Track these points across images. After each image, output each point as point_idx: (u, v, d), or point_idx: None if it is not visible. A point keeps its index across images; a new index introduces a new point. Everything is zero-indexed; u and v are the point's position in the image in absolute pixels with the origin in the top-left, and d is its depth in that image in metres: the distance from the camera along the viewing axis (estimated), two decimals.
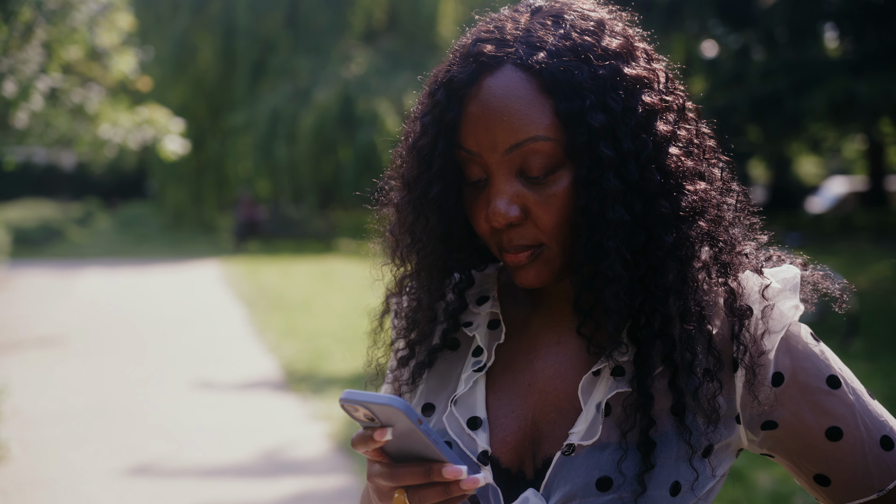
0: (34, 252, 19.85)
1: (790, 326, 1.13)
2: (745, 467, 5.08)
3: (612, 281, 1.07)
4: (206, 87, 23.87)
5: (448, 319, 1.22)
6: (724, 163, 1.19)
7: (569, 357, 1.16)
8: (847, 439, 1.12)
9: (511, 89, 1.06)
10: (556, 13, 1.11)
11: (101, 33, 10.39)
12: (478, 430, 1.14)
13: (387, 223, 1.23)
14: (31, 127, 10.57)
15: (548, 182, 1.07)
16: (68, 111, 10.49)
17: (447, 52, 1.17)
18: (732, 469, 1.20)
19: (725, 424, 1.11)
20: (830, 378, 1.12)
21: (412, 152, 1.15)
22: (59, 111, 10.49)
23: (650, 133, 1.08)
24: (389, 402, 0.94)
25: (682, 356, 1.09)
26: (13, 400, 6.63)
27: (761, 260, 1.19)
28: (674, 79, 1.17)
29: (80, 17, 10.32)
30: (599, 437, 1.09)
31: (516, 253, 1.10)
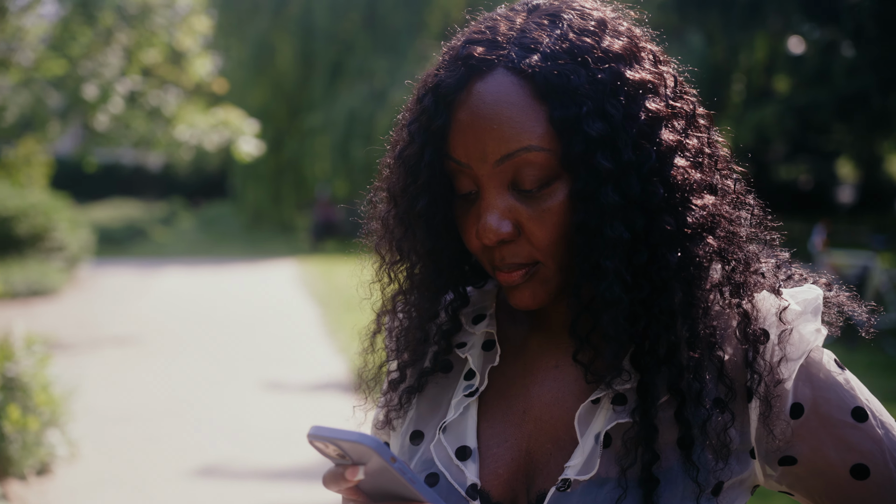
0: (118, 251, 20.34)
1: (811, 353, 1.01)
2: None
3: (611, 304, 0.96)
4: (284, 88, 24.14)
5: (440, 341, 1.12)
6: (739, 174, 1.08)
7: (567, 383, 1.05)
8: (875, 478, 1.00)
9: (502, 95, 0.96)
10: (554, 12, 1.01)
11: (180, 37, 10.54)
12: (467, 461, 1.04)
13: (374, 238, 1.13)
14: (110, 129, 10.78)
15: (542, 195, 0.97)
16: (146, 113, 10.67)
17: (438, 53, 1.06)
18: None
19: (738, 459, 1.00)
20: (856, 410, 1.00)
21: (398, 162, 1.05)
22: (138, 113, 10.68)
23: (654, 142, 0.97)
24: (359, 439, 0.86)
25: (689, 385, 0.98)
26: (86, 399, 6.74)
27: (780, 279, 1.07)
28: (684, 83, 1.06)
29: (159, 20, 10.48)
30: (597, 471, 0.99)
31: (510, 272, 1.00)
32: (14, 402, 5.00)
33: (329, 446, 0.89)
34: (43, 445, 5.34)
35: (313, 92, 23.62)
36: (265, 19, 23.64)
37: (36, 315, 11.26)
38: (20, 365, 5.13)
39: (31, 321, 10.41)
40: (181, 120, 10.62)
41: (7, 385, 5.02)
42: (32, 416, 5.10)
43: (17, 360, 5.13)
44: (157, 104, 10.70)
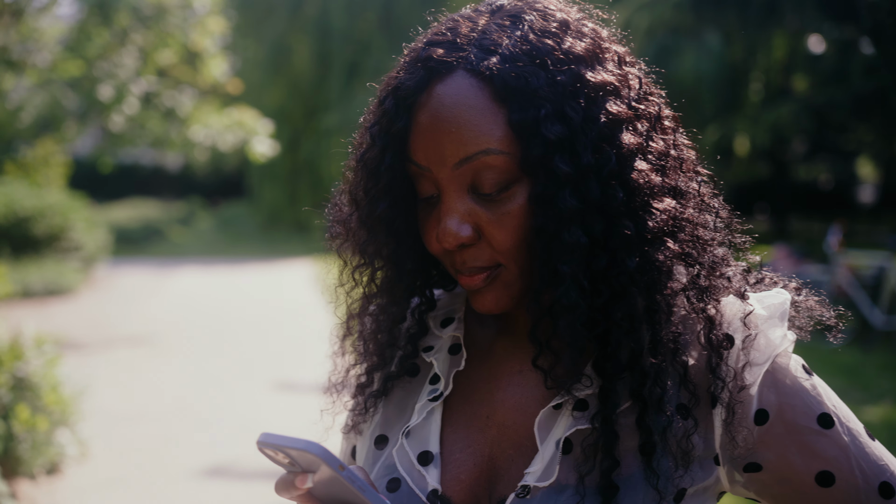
0: (135, 251, 20.44)
1: (777, 358, 1.00)
2: None
3: (568, 310, 0.95)
4: (301, 88, 24.20)
5: (406, 345, 1.12)
6: (706, 177, 1.06)
7: (531, 388, 1.05)
8: (840, 485, 0.98)
9: (461, 98, 0.95)
10: (516, 13, 0.99)
11: (195, 37, 10.58)
12: (429, 467, 1.04)
13: (337, 241, 1.12)
14: (126, 129, 10.84)
15: (502, 199, 0.96)
16: (161, 114, 10.72)
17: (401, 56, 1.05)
18: None
19: (702, 466, 0.99)
20: (822, 416, 0.99)
21: (360, 165, 1.05)
22: (153, 114, 10.73)
23: (614, 145, 0.95)
24: (306, 447, 0.85)
25: (650, 391, 0.96)
26: (97, 398, 6.76)
27: (750, 283, 1.06)
28: (650, 84, 1.04)
29: (174, 21, 10.52)
30: (557, 478, 0.98)
31: (471, 275, 0.99)
32: (23, 402, 5.03)
33: (279, 454, 0.89)
34: (52, 445, 5.36)
35: (329, 92, 23.66)
36: (282, 20, 23.71)
37: (51, 315, 11.33)
38: (30, 365, 5.16)
39: (46, 321, 10.47)
40: (196, 120, 10.67)
41: (17, 385, 5.05)
42: (42, 416, 5.12)
43: (26, 360, 5.15)
44: (172, 105, 10.76)
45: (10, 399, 4.96)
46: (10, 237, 13.27)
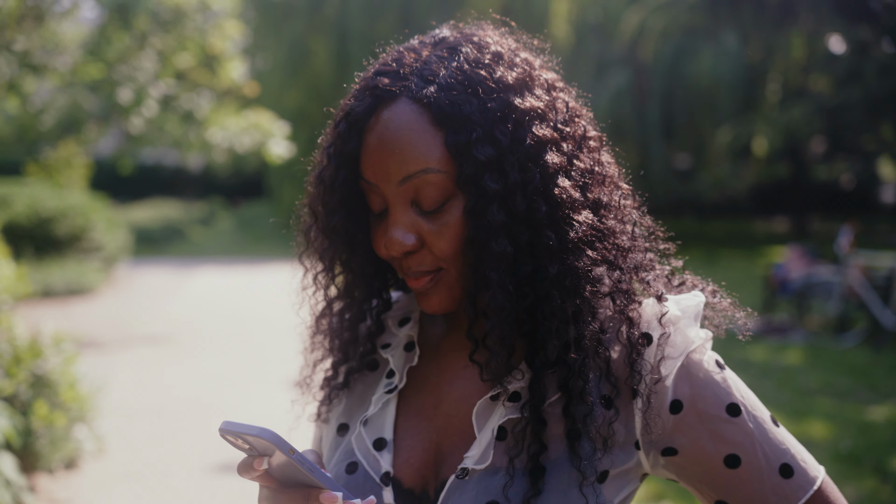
0: (155, 251, 20.66)
1: (692, 354, 1.11)
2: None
3: (496, 311, 1.07)
4: (320, 89, 24.35)
5: (366, 342, 1.25)
6: (626, 191, 1.17)
7: (474, 382, 1.16)
8: (745, 467, 1.10)
9: (404, 122, 1.07)
10: (454, 45, 1.12)
11: (212, 41, 10.72)
12: (383, 451, 1.16)
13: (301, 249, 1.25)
14: (145, 131, 11.01)
15: (441, 212, 1.08)
16: (180, 116, 10.88)
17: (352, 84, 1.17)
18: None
19: (623, 450, 1.10)
20: (730, 406, 1.10)
21: (318, 181, 1.18)
22: (171, 116, 10.89)
23: (539, 164, 1.07)
24: (260, 433, 0.96)
25: (574, 384, 1.08)
26: (115, 396, 6.92)
27: (666, 286, 1.17)
28: (578, 107, 1.16)
29: (192, 25, 10.66)
30: (492, 461, 1.10)
31: (417, 278, 1.12)
32: (42, 399, 5.17)
33: (238, 440, 1.00)
34: (70, 441, 5.51)
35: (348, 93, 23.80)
36: (301, 21, 23.86)
37: (72, 314, 11.52)
38: (48, 363, 5.30)
39: (67, 320, 10.67)
40: (213, 123, 10.83)
41: (36, 382, 5.20)
42: (60, 413, 5.27)
43: (45, 357, 5.30)
44: (190, 107, 10.92)
45: (29, 396, 5.10)
46: (32, 237, 13.48)
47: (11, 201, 13.65)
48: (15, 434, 4.53)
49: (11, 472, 4.25)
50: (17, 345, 5.17)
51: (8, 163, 24.92)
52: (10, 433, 4.37)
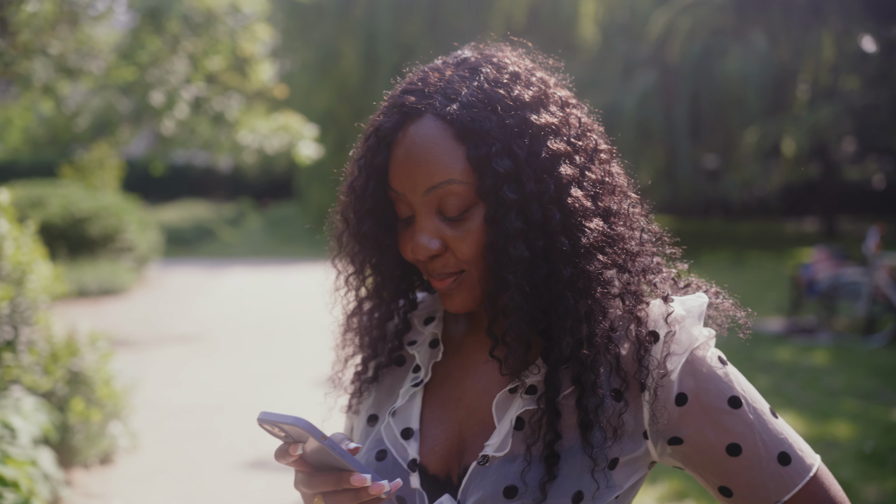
0: (186, 251, 20.91)
1: (695, 350, 1.20)
2: (853, 479, 4.91)
3: (514, 311, 1.17)
4: (348, 91, 24.52)
5: (394, 339, 1.35)
6: (635, 200, 1.26)
7: (493, 376, 1.26)
8: (746, 455, 1.19)
9: (429, 137, 1.17)
10: (475, 66, 1.22)
11: (242, 44, 10.87)
12: (410, 440, 1.26)
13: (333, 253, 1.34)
14: (177, 133, 11.18)
15: (463, 219, 1.18)
16: (210, 118, 11.04)
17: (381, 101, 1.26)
18: (840, 480, 1.25)
19: (633, 439, 1.20)
20: (732, 399, 1.19)
21: (350, 191, 1.28)
22: (202, 118, 11.05)
23: (553, 176, 1.17)
24: (295, 422, 1.06)
25: (586, 377, 1.18)
26: (147, 393, 7.07)
27: (670, 288, 1.26)
28: (591, 122, 1.25)
29: (223, 28, 10.81)
30: (510, 449, 1.19)
31: (441, 280, 1.21)
32: (78, 395, 5.32)
33: (275, 428, 1.09)
34: (105, 436, 5.65)
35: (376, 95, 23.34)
36: (330, 24, 24.03)
37: (105, 313, 11.73)
38: (84, 360, 5.45)
39: (100, 319, 10.86)
40: (243, 125, 10.99)
41: (72, 379, 5.34)
42: (95, 409, 5.41)
43: (81, 355, 5.44)
44: (221, 110, 11.08)
45: (65, 392, 5.25)
46: (66, 238, 13.70)
47: (46, 202, 13.89)
48: (52, 429, 4.66)
49: (50, 467, 4.38)
50: (55, 343, 5.32)
51: (42, 164, 25.29)
52: (48, 429, 4.50)
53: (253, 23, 11.10)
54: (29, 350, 5.06)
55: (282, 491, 5.42)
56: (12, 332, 5.02)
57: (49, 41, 9.70)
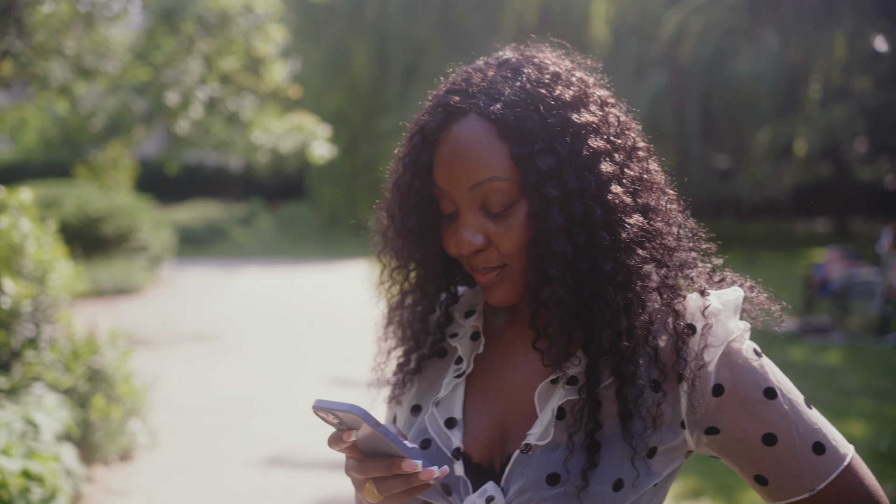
0: (199, 251, 20.99)
1: (731, 343, 1.24)
2: None
3: (557, 304, 1.21)
4: (360, 91, 24.56)
5: (436, 332, 1.39)
6: (672, 196, 1.30)
7: (534, 367, 1.30)
8: (781, 444, 1.22)
9: (473, 135, 1.21)
10: (516, 67, 1.26)
11: (256, 44, 10.92)
12: (453, 430, 1.30)
13: (378, 248, 1.38)
14: (191, 134, 11.25)
15: (506, 215, 1.22)
16: (224, 119, 11.10)
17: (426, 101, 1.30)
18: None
19: (670, 429, 1.23)
20: (767, 390, 1.23)
21: (394, 188, 1.32)
22: (217, 119, 11.11)
23: (594, 173, 1.21)
24: (350, 409, 1.10)
25: (626, 369, 1.21)
26: (165, 391, 7.13)
27: (708, 282, 1.30)
28: (628, 121, 1.29)
29: (237, 29, 10.86)
30: (552, 438, 1.23)
31: (485, 274, 1.26)
32: (99, 393, 5.38)
33: (329, 415, 1.14)
34: (125, 433, 5.71)
35: (388, 95, 23.99)
36: (341, 24, 24.08)
37: (120, 312, 11.80)
38: (105, 358, 5.50)
39: (115, 318, 10.92)
40: (257, 125, 11.05)
41: (93, 376, 5.40)
42: (116, 406, 5.47)
43: (101, 353, 5.50)
44: (235, 110, 11.14)
45: (86, 389, 5.31)
46: (81, 237, 13.78)
47: (61, 202, 13.97)
48: (74, 426, 4.72)
49: (73, 462, 4.43)
50: (75, 340, 5.38)
51: (56, 164, 25.42)
52: (70, 425, 4.55)
53: (267, 23, 11.16)
54: (51, 348, 5.12)
55: (299, 487, 5.47)
56: (34, 330, 5.08)
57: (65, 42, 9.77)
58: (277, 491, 5.44)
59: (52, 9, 9.35)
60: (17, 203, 5.17)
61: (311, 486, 5.50)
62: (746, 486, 5.17)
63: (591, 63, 1.32)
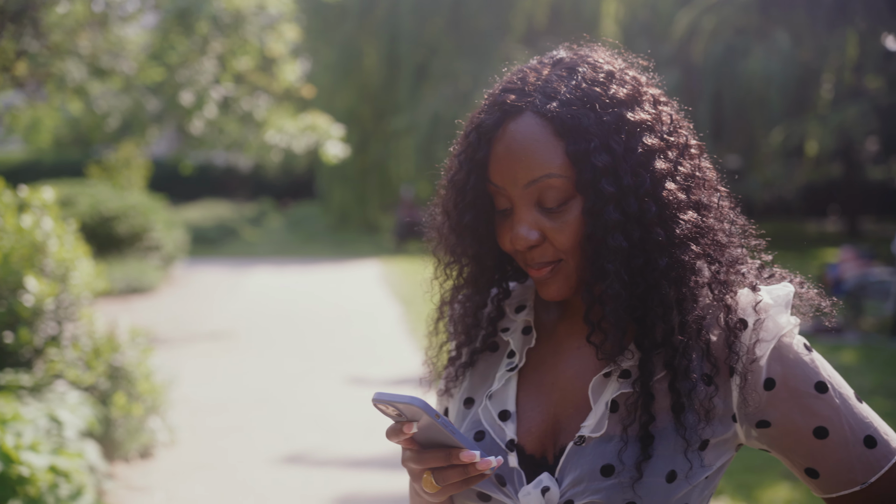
0: (211, 250, 21.06)
1: (782, 337, 1.26)
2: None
3: (613, 298, 1.23)
4: (370, 91, 24.61)
5: (488, 326, 1.41)
6: (723, 193, 1.33)
7: (586, 361, 1.32)
8: (833, 437, 1.24)
9: (529, 133, 1.24)
10: (571, 66, 1.28)
11: (270, 44, 10.96)
12: (507, 422, 1.32)
13: (433, 244, 1.41)
14: (205, 133, 11.29)
15: (561, 211, 1.25)
16: (239, 118, 11.14)
17: (482, 99, 1.32)
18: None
19: (722, 422, 1.25)
20: (818, 384, 1.25)
21: (450, 185, 1.34)
22: (231, 118, 11.15)
23: (648, 170, 1.23)
24: (411, 401, 1.13)
25: (679, 362, 1.24)
26: (182, 389, 7.17)
27: (757, 278, 1.32)
28: (680, 119, 1.32)
29: (250, 28, 10.90)
30: (606, 430, 1.26)
31: (539, 269, 1.28)
32: (120, 390, 5.42)
33: (389, 408, 1.16)
34: (145, 431, 5.75)
35: (398, 94, 24.03)
36: (352, 24, 24.12)
37: (134, 311, 11.85)
38: (125, 356, 5.54)
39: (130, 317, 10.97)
40: (271, 125, 11.09)
41: (113, 374, 5.44)
42: (136, 404, 5.51)
43: (122, 351, 5.54)
44: (249, 109, 11.18)
45: (107, 387, 5.35)
46: (95, 236, 13.84)
47: (75, 201, 14.04)
48: (96, 423, 4.76)
49: (96, 459, 4.47)
50: (96, 338, 5.42)
51: (68, 164, 25.52)
52: (92, 422, 4.59)
53: (280, 22, 11.19)
54: (72, 345, 5.16)
55: (317, 485, 5.50)
56: (57, 328, 5.13)
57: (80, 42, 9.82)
58: (296, 488, 5.47)
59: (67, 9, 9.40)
60: (40, 202, 5.22)
61: (329, 483, 5.53)
62: (765, 484, 5.20)
63: (643, 62, 1.34)
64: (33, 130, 12.40)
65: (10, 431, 3.74)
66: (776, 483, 5.24)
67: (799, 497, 5.03)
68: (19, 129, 12.51)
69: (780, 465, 5.44)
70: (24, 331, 4.83)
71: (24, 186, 5.39)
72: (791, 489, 5.14)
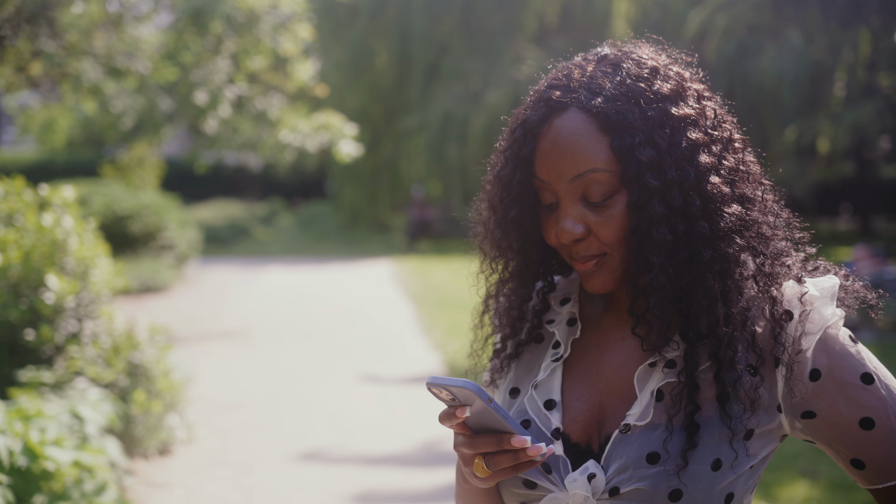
0: (223, 249, 21.13)
1: (828, 329, 1.28)
2: None
3: (658, 290, 1.25)
4: (381, 90, 24.63)
5: (533, 318, 1.44)
6: (768, 186, 1.35)
7: (631, 351, 1.34)
8: (879, 428, 1.25)
9: (575, 128, 1.26)
10: (616, 62, 1.30)
11: (283, 43, 10.99)
12: (552, 411, 1.35)
13: (479, 238, 1.43)
14: (219, 133, 11.34)
15: (606, 205, 1.27)
16: (252, 118, 11.18)
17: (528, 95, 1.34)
18: None
19: (767, 412, 1.27)
20: (864, 375, 1.26)
21: (496, 180, 1.36)
22: (245, 118, 11.19)
23: (693, 164, 1.25)
24: (464, 385, 1.15)
25: (724, 353, 1.25)
26: (200, 387, 7.20)
27: (802, 270, 1.34)
28: (724, 113, 1.34)
29: (264, 28, 10.93)
30: (651, 419, 1.28)
31: (584, 262, 1.30)
32: (139, 388, 5.45)
33: (442, 392, 1.19)
34: (164, 428, 5.79)
35: (410, 94, 24.05)
36: (363, 23, 24.15)
37: (149, 310, 11.90)
38: (144, 353, 5.58)
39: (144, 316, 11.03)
40: (285, 124, 11.13)
41: (132, 371, 5.47)
42: (156, 401, 5.55)
43: (141, 348, 5.57)
44: (263, 109, 11.23)
45: (126, 384, 5.38)
46: (109, 235, 13.88)
47: (89, 201, 14.10)
48: (117, 420, 4.79)
49: (117, 455, 4.50)
50: (116, 336, 5.45)
51: (77, 164, 25.63)
52: (113, 419, 4.63)
53: (294, 22, 11.23)
54: (92, 343, 5.20)
55: (335, 481, 5.53)
56: (77, 326, 5.17)
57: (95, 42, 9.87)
58: (314, 485, 5.49)
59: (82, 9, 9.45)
60: (61, 201, 5.26)
61: (347, 480, 5.55)
62: (784, 482, 5.21)
63: (686, 58, 1.35)
64: (47, 130, 12.47)
65: (33, 427, 3.77)
66: (794, 481, 5.24)
67: (817, 494, 5.03)
68: (33, 129, 12.59)
69: (799, 463, 5.44)
70: (45, 328, 4.87)
71: (44, 185, 5.43)
72: (809, 487, 5.14)
